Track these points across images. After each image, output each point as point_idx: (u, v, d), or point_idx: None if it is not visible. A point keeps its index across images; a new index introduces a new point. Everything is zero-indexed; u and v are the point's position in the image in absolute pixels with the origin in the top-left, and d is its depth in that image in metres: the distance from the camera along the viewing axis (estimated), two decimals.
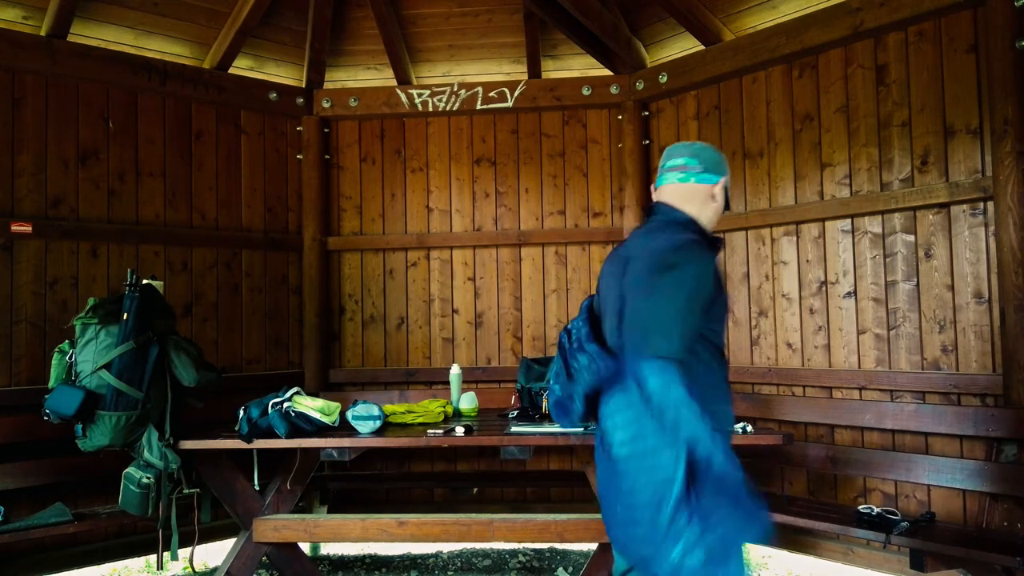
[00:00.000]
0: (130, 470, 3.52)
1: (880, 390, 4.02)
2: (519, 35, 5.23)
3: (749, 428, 3.45)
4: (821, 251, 4.32)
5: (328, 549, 5.11)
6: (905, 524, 3.53)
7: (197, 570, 4.34)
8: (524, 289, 5.32)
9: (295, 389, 3.67)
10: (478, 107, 5.29)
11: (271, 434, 3.50)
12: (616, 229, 5.20)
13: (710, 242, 2.17)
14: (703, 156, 2.24)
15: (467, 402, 4.15)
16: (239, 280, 5.09)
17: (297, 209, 5.36)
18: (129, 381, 3.36)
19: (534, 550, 4.94)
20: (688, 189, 2.21)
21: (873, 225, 4.11)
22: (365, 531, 3.86)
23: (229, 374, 4.54)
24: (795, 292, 4.43)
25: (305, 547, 4.60)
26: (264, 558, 4.08)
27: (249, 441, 3.49)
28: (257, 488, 3.87)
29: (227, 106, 5.05)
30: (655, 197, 2.27)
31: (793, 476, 4.38)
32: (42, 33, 4.30)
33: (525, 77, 5.31)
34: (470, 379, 5.02)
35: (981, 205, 3.71)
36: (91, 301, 3.49)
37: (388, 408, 3.93)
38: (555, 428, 3.53)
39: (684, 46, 4.96)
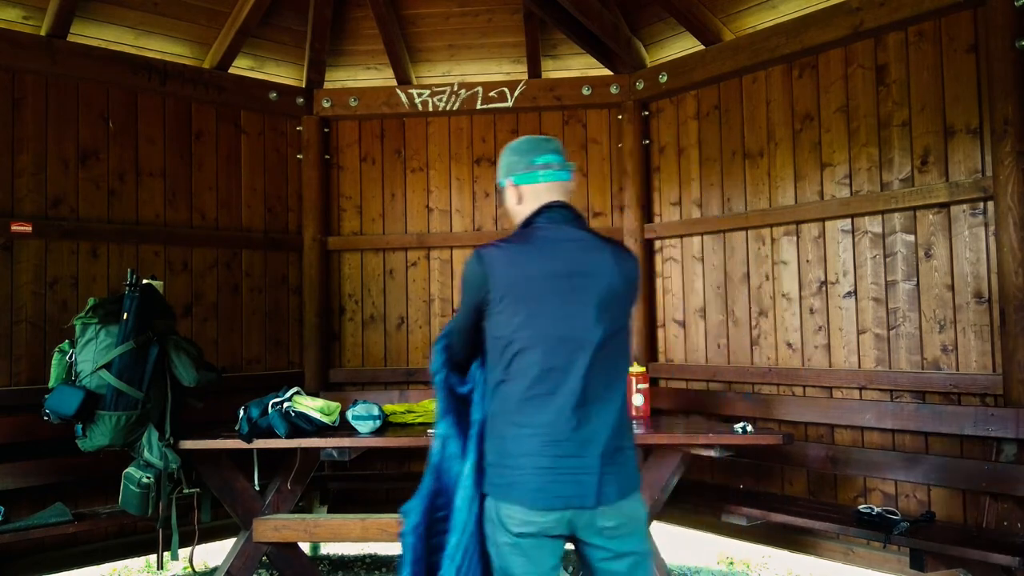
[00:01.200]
0: (130, 470, 3.52)
1: (880, 390, 4.02)
2: (519, 35, 5.22)
3: (749, 428, 3.45)
4: (821, 251, 4.32)
5: (328, 549, 5.11)
6: (905, 524, 3.53)
7: (197, 570, 4.34)
8: None
9: (295, 389, 3.68)
10: (478, 107, 5.28)
11: (271, 434, 3.50)
12: (616, 229, 5.19)
13: None
14: (564, 151, 2.24)
15: None
16: (239, 280, 5.08)
17: (297, 209, 5.36)
18: (129, 381, 3.36)
19: None
20: (569, 187, 2.24)
21: (873, 225, 4.11)
22: (365, 531, 3.86)
23: (229, 374, 4.53)
24: (795, 292, 4.43)
25: (305, 547, 4.60)
26: (264, 558, 4.09)
27: (249, 441, 3.49)
28: (257, 488, 3.87)
29: (227, 106, 5.05)
30: (554, 196, 2.19)
31: (793, 476, 4.37)
32: (42, 33, 4.30)
33: (525, 77, 5.30)
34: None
35: (981, 205, 3.71)
36: (91, 301, 3.50)
37: (388, 408, 3.93)
38: None
39: (684, 46, 4.96)
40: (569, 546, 2.14)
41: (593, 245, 2.14)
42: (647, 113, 5.18)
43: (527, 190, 2.21)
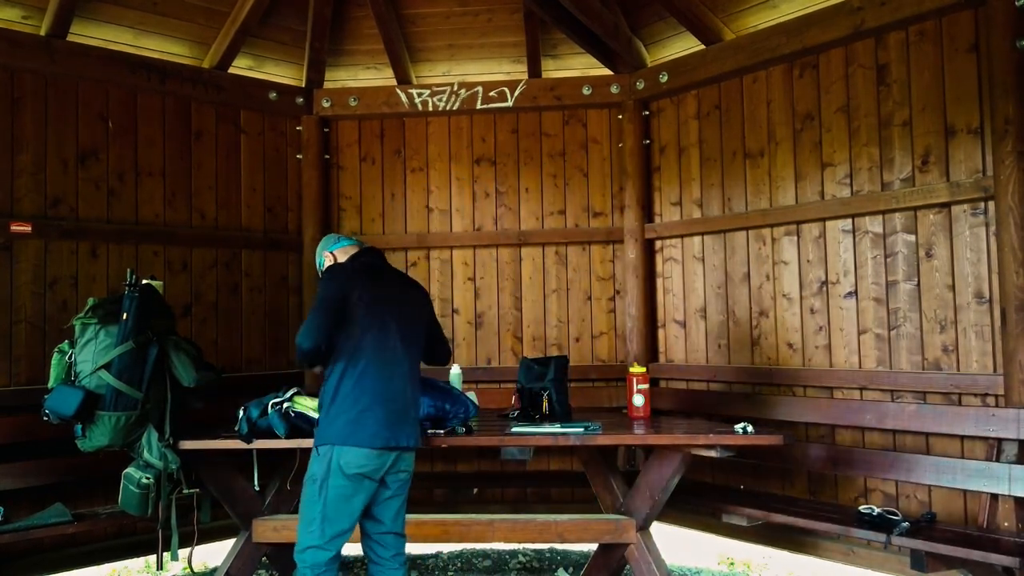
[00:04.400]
0: (130, 470, 3.51)
1: (881, 390, 4.01)
2: (519, 34, 5.22)
3: (750, 428, 3.44)
4: (822, 251, 4.31)
5: None
6: (906, 524, 3.52)
7: (197, 570, 4.34)
8: (524, 289, 5.31)
9: (295, 389, 3.66)
10: (478, 107, 5.28)
11: (271, 434, 3.49)
12: (616, 229, 5.19)
13: None
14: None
15: None
16: (239, 280, 5.08)
17: (297, 209, 5.36)
18: (128, 381, 3.36)
19: (534, 550, 4.94)
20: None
21: (874, 225, 4.10)
22: None
23: (228, 374, 4.52)
24: (796, 292, 4.42)
25: None
26: (264, 558, 4.08)
27: (249, 441, 3.48)
28: (257, 488, 3.86)
29: (227, 106, 5.05)
30: (358, 248, 3.36)
31: (794, 476, 4.37)
32: (41, 33, 4.29)
33: (525, 76, 5.30)
34: (470, 379, 5.00)
35: (982, 205, 3.70)
36: (90, 301, 3.49)
37: None
38: (555, 428, 3.52)
39: (685, 45, 4.95)
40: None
41: (398, 276, 3.37)
42: (648, 113, 5.17)
43: (339, 251, 3.37)
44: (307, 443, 3.54)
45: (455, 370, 4.22)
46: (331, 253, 3.37)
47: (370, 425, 2.95)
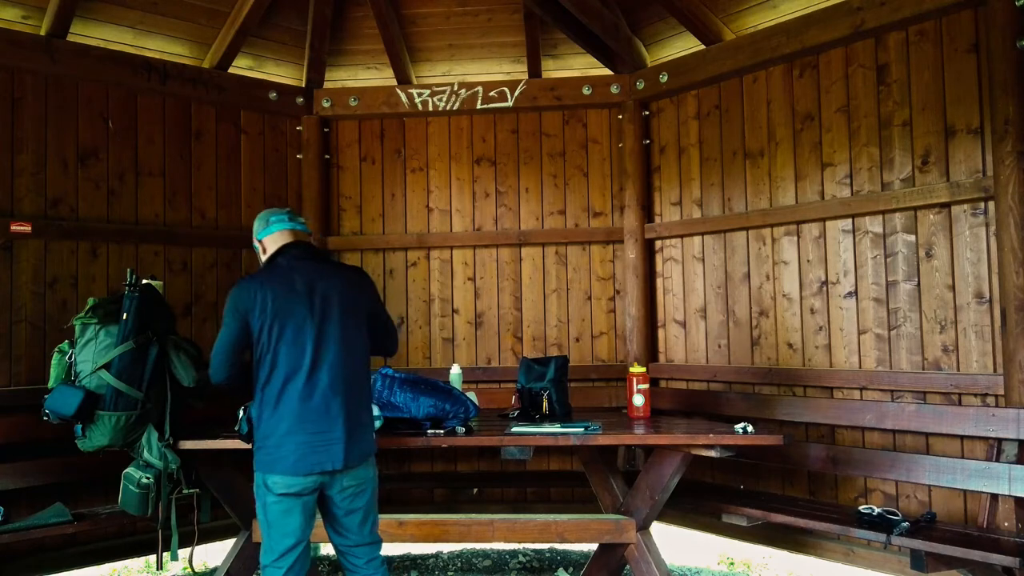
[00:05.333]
0: (130, 470, 3.51)
1: (881, 390, 4.01)
2: (519, 34, 5.22)
3: (750, 428, 3.44)
4: (822, 251, 4.31)
5: (328, 549, 5.11)
6: (906, 524, 3.52)
7: (197, 570, 4.34)
8: (524, 289, 5.31)
9: None
10: (478, 107, 5.28)
11: None
12: (616, 229, 5.19)
13: None
14: (295, 214, 3.18)
15: None
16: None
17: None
18: (129, 381, 3.36)
19: (534, 550, 4.94)
20: (300, 234, 3.13)
21: (874, 225, 4.10)
22: None
23: None
24: (796, 292, 4.42)
25: None
26: None
27: (249, 441, 3.47)
28: None
29: (227, 106, 5.05)
30: (289, 238, 3.07)
31: (793, 476, 4.37)
32: (42, 33, 4.29)
33: (525, 76, 5.30)
34: (470, 379, 5.01)
35: (982, 205, 3.70)
36: (91, 301, 3.49)
37: None
38: (555, 428, 3.53)
39: (685, 45, 4.96)
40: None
41: (329, 263, 3.18)
42: (648, 113, 5.17)
43: (291, 234, 3.09)
44: None
45: (455, 370, 4.23)
46: (261, 243, 3.14)
47: (290, 452, 2.82)
